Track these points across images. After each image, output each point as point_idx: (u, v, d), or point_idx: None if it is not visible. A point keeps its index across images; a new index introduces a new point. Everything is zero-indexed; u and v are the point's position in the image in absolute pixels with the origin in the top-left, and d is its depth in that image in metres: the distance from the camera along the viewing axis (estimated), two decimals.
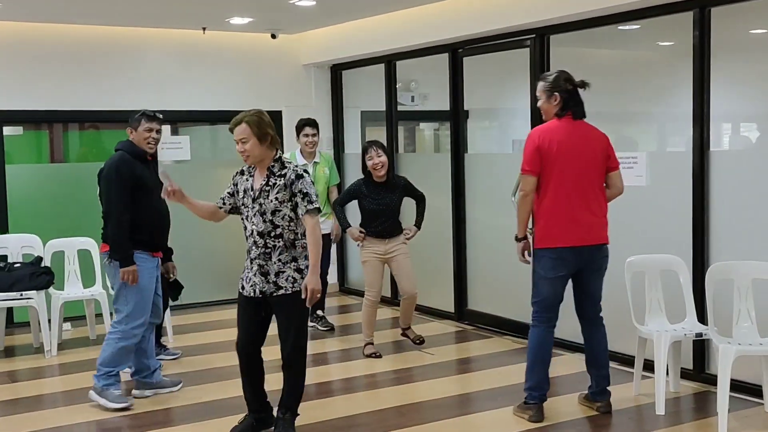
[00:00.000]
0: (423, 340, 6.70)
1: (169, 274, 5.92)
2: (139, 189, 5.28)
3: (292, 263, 4.48)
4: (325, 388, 5.79)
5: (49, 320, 6.67)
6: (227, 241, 8.09)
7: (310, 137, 7.09)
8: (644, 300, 5.32)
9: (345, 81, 9.11)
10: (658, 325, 5.24)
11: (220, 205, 4.69)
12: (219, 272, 8.47)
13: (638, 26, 6.14)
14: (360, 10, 7.63)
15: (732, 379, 4.66)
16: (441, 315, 7.79)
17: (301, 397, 4.65)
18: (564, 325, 6.40)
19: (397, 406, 5.27)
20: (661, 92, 6.20)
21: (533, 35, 6.58)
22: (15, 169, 7.85)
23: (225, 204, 4.68)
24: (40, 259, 6.88)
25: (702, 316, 5.24)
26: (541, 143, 4.78)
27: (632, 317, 5.21)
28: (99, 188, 5.44)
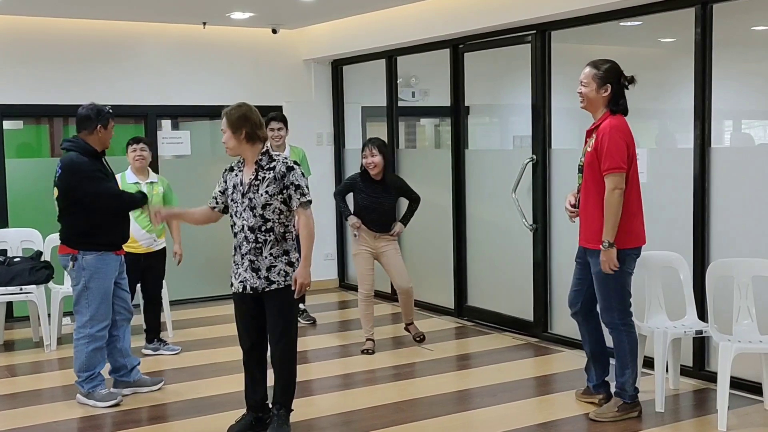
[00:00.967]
0: (423, 337, 6.70)
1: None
2: None
3: (284, 257, 4.47)
4: (323, 384, 5.78)
5: (49, 315, 6.66)
6: (228, 236, 8.06)
7: (275, 131, 6.97)
8: (644, 297, 5.31)
9: (346, 76, 9.10)
10: (658, 322, 5.23)
11: (213, 204, 4.68)
12: (219, 267, 8.43)
13: (640, 22, 6.12)
14: (361, 6, 7.62)
15: (732, 377, 4.66)
16: (440, 311, 7.78)
17: (294, 393, 4.63)
18: (563, 322, 6.43)
19: (396, 402, 5.26)
20: (663, 89, 6.18)
21: (534, 31, 6.56)
22: (15, 164, 7.84)
23: (218, 203, 4.67)
24: (39, 253, 6.88)
25: (702, 313, 5.23)
26: (628, 140, 4.68)
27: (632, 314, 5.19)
28: (57, 190, 5.24)
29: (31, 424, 4.98)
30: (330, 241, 9.12)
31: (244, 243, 4.48)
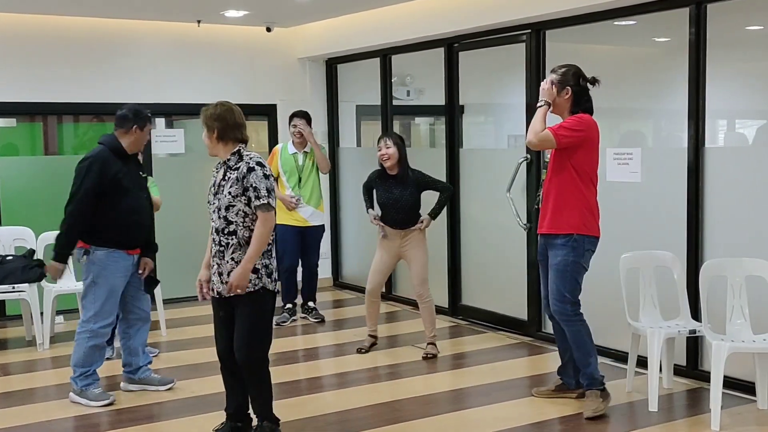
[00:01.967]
0: (433, 357, 6.29)
1: (143, 270, 5.47)
2: (114, 188, 5.15)
3: None
4: (318, 383, 5.78)
5: (42, 313, 6.65)
6: None
7: (298, 127, 7.27)
8: (638, 296, 5.31)
9: (340, 75, 9.08)
10: (651, 321, 5.24)
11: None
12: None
13: (634, 22, 6.12)
14: (355, 4, 7.61)
15: (725, 376, 4.66)
16: (435, 310, 7.75)
17: (271, 401, 4.45)
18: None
19: (391, 401, 5.26)
20: (657, 88, 6.19)
21: (529, 30, 6.56)
22: (8, 161, 7.82)
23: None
24: (32, 251, 6.86)
25: (696, 313, 5.24)
26: (588, 132, 4.79)
27: (626, 313, 5.20)
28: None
29: (23, 423, 4.97)
30: (324, 239, 9.09)
31: (213, 245, 4.39)
